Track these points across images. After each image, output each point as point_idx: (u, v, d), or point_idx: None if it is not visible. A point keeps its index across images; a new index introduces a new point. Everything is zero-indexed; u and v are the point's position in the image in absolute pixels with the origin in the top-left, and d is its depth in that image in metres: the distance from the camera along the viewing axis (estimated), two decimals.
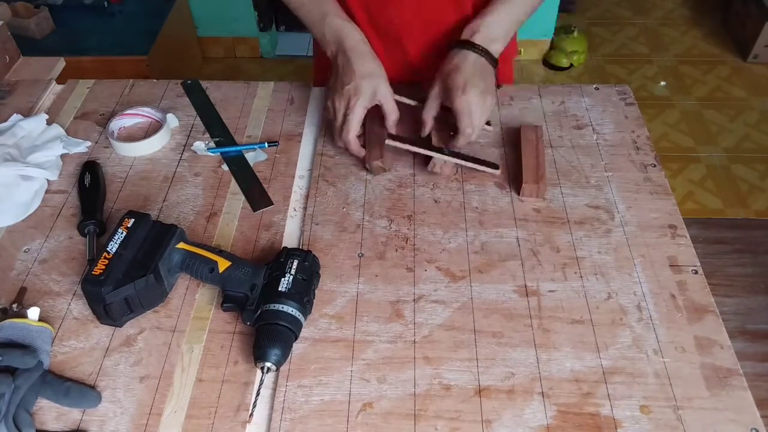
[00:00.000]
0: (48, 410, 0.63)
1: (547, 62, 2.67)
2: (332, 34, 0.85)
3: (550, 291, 0.72)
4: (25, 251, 0.78)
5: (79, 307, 0.71)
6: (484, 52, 0.83)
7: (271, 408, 0.63)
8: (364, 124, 0.85)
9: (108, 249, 0.69)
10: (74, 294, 0.73)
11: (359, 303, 0.71)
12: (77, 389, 0.63)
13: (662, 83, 2.59)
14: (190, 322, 0.70)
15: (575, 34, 2.62)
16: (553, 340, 0.67)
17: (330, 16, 0.85)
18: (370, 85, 0.82)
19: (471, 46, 0.83)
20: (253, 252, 0.77)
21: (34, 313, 0.68)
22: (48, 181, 0.86)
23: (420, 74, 0.98)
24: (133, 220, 0.72)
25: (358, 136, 0.85)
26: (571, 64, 2.65)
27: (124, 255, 0.69)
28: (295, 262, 0.70)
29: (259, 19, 2.65)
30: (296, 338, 0.67)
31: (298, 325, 0.67)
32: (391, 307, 0.71)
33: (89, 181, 0.84)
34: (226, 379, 0.65)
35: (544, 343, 0.67)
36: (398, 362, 0.66)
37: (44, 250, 0.78)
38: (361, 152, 0.85)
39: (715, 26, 2.87)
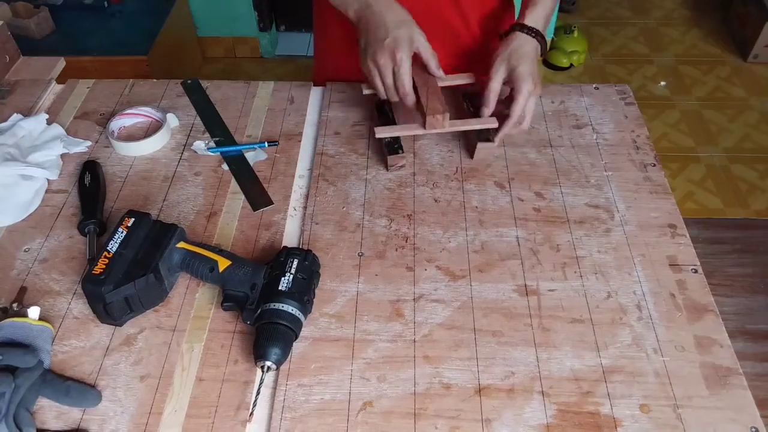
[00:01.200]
0: (48, 409, 0.63)
1: (547, 62, 2.67)
2: None
3: (549, 290, 0.72)
4: (25, 251, 0.78)
5: (79, 307, 0.71)
6: (543, 40, 0.87)
7: (272, 407, 0.63)
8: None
9: (108, 248, 0.69)
10: (74, 293, 0.73)
11: (359, 302, 0.71)
12: (77, 388, 0.63)
13: (662, 83, 2.59)
14: (191, 322, 0.70)
15: (575, 34, 2.62)
16: (553, 339, 0.68)
17: None
18: (407, 33, 0.81)
19: (528, 30, 0.86)
20: (253, 251, 0.77)
21: (34, 312, 0.68)
22: (48, 180, 0.86)
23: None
24: (133, 219, 0.72)
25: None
26: (571, 64, 2.65)
27: (125, 254, 0.69)
28: (295, 262, 0.70)
29: (259, 19, 2.65)
30: (296, 337, 0.67)
31: (298, 324, 0.67)
32: (391, 307, 0.71)
33: (89, 181, 0.84)
34: (227, 378, 0.65)
35: (544, 342, 0.67)
36: (398, 361, 0.66)
37: (44, 250, 0.78)
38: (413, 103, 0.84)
39: (715, 26, 2.87)
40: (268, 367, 0.64)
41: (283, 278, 0.68)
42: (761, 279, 1.87)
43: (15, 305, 0.70)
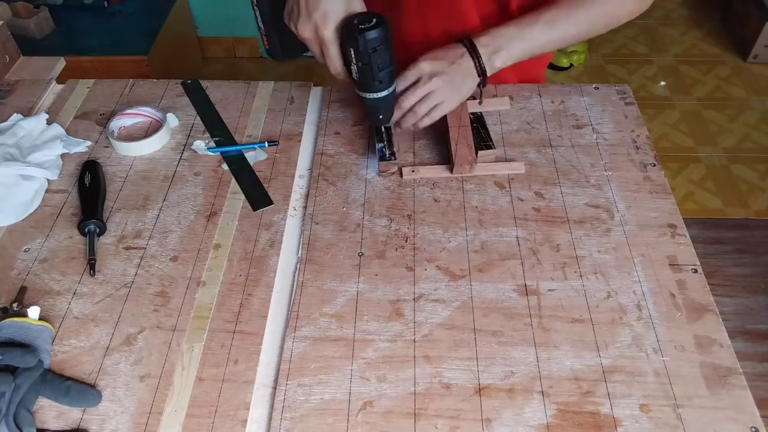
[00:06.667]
0: (48, 409, 0.63)
1: None
2: None
3: (549, 290, 0.72)
4: (25, 251, 0.78)
5: (79, 306, 0.71)
6: (479, 62, 0.82)
7: (271, 407, 0.63)
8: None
9: (260, 25, 0.81)
10: (74, 293, 0.73)
11: (359, 302, 0.71)
12: (77, 388, 0.63)
13: (662, 83, 2.59)
14: (191, 321, 0.70)
15: None
16: (553, 339, 0.68)
17: None
18: (342, 7, 0.72)
19: (471, 48, 0.82)
20: (253, 251, 0.77)
21: (34, 312, 0.68)
22: (48, 180, 0.86)
23: None
24: None
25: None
26: (571, 64, 2.65)
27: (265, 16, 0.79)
28: (352, 52, 0.71)
29: None
30: (389, 112, 0.81)
31: (384, 102, 0.78)
32: (391, 306, 0.71)
33: (89, 181, 0.84)
34: (227, 378, 0.65)
35: (543, 342, 0.67)
36: (398, 361, 0.66)
37: (44, 250, 0.78)
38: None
39: (715, 26, 2.87)
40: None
41: (351, 67, 0.73)
42: (761, 279, 1.87)
43: (15, 305, 0.70)
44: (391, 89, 0.78)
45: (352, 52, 0.71)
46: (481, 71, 0.83)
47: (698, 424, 0.61)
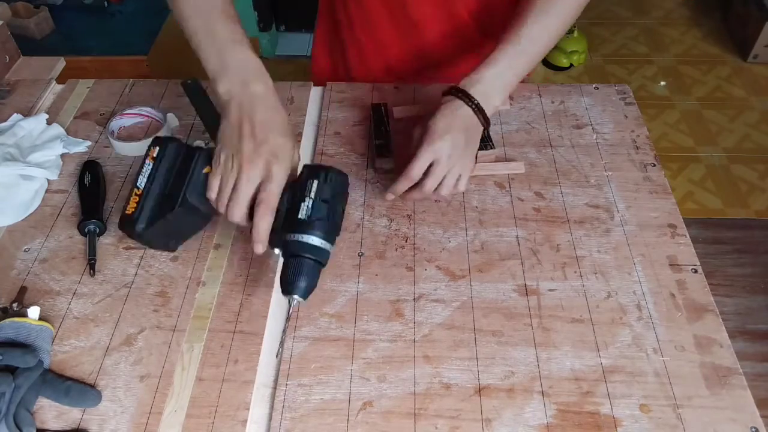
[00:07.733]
0: (48, 409, 0.63)
1: (546, 62, 2.67)
2: (238, 68, 0.68)
3: (549, 290, 0.72)
4: (25, 251, 0.78)
5: (79, 307, 0.71)
6: (478, 108, 0.75)
7: (271, 407, 0.63)
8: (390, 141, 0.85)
9: (138, 185, 0.69)
10: (74, 293, 0.73)
11: (359, 302, 0.71)
12: (77, 388, 0.63)
13: (662, 83, 2.59)
14: (191, 321, 0.70)
15: (575, 34, 2.63)
16: (553, 339, 0.68)
17: (238, 45, 0.69)
18: (292, 146, 0.67)
19: (466, 97, 0.75)
20: (253, 252, 0.77)
21: (34, 312, 0.68)
22: (48, 180, 0.86)
23: (437, 65, 1.00)
24: (158, 148, 0.70)
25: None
26: (571, 64, 2.65)
27: (152, 189, 0.69)
28: (315, 184, 0.65)
29: (259, 19, 2.65)
30: (323, 266, 0.65)
31: (324, 254, 0.64)
32: (391, 306, 0.71)
33: (89, 181, 0.84)
34: (226, 378, 0.65)
35: (543, 342, 0.67)
36: (398, 361, 0.66)
37: (44, 250, 0.78)
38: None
39: (715, 26, 2.87)
40: (297, 301, 0.64)
41: (303, 204, 0.64)
42: (761, 279, 1.88)
43: (15, 305, 0.70)
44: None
45: (315, 184, 0.65)
46: (485, 121, 0.77)
47: (698, 424, 0.61)
